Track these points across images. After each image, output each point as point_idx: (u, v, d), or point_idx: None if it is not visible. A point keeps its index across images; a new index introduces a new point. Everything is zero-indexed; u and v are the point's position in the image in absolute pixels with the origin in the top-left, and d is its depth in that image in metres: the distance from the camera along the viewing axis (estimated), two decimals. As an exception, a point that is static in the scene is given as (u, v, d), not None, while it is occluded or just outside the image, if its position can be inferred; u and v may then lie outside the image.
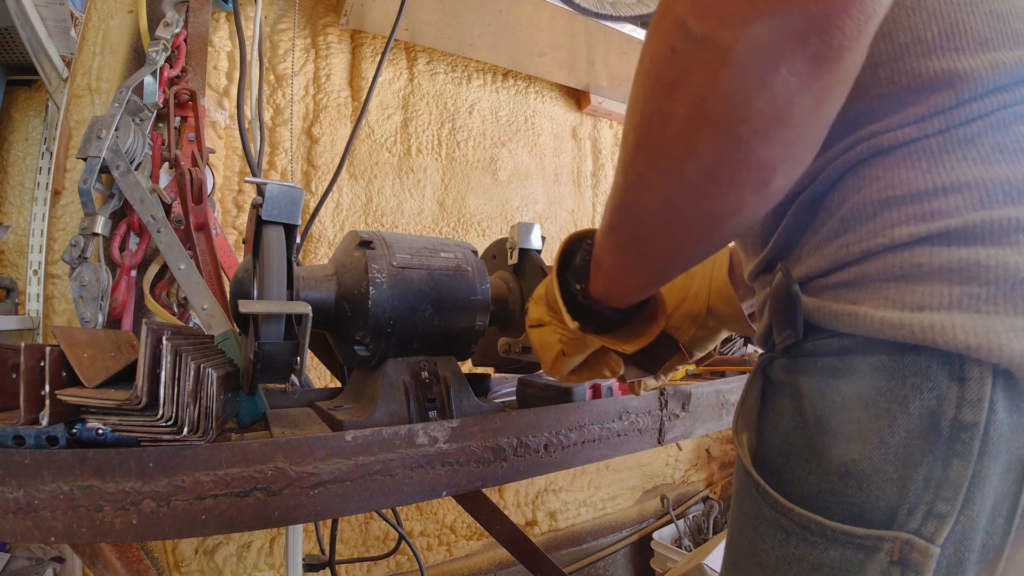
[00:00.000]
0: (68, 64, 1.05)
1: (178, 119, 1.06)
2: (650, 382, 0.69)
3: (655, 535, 1.83)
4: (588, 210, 1.97)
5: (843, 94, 0.31)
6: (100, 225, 0.91)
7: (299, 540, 0.98)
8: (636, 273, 0.44)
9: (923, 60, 0.36)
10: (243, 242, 0.86)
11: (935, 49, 0.36)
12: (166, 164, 1.04)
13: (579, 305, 0.50)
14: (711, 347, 0.68)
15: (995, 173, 0.33)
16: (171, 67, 1.06)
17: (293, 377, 0.61)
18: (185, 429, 0.49)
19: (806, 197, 0.41)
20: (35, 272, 1.03)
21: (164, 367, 0.48)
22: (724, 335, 0.67)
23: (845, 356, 0.37)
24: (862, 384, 0.35)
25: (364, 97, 1.35)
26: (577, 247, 0.52)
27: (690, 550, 1.75)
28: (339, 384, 0.93)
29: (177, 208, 1.01)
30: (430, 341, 0.72)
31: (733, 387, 0.95)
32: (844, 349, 0.37)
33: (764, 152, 0.30)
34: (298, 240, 1.01)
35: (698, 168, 0.32)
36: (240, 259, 1.00)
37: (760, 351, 0.48)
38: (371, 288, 0.66)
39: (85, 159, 0.88)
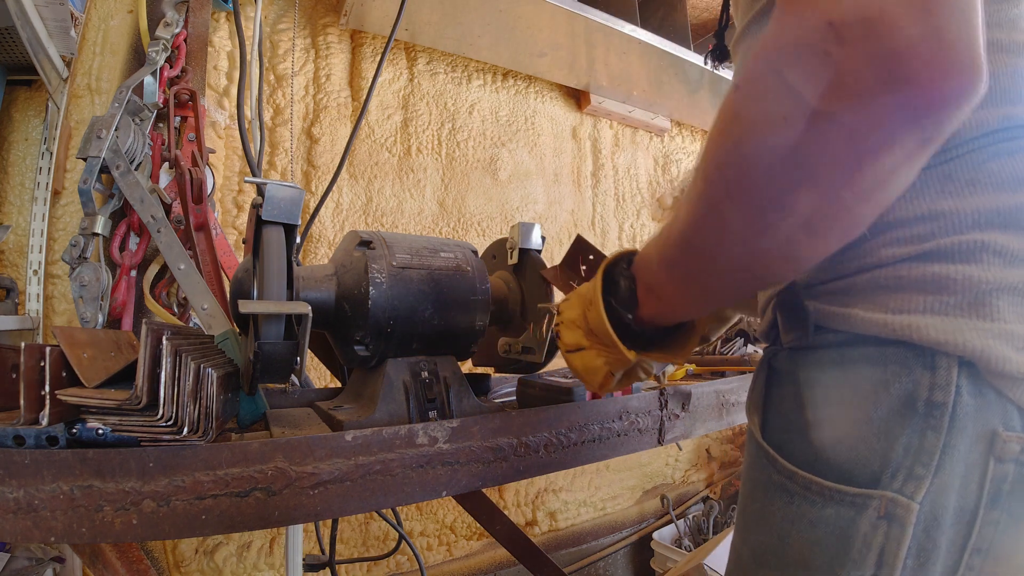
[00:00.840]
0: (68, 64, 1.05)
1: (178, 119, 1.06)
2: (669, 368, 0.72)
3: (655, 535, 1.83)
4: (588, 210, 1.97)
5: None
6: (100, 225, 0.91)
7: (299, 540, 0.98)
8: (697, 303, 0.49)
9: None
10: (243, 242, 0.86)
11: None
12: (166, 164, 1.04)
13: (626, 330, 0.52)
14: (724, 330, 0.75)
15: (967, 204, 0.40)
16: (171, 67, 1.06)
17: (293, 377, 0.61)
18: (185, 429, 0.49)
19: None
20: (35, 272, 1.03)
21: (164, 367, 0.48)
22: (736, 318, 0.74)
23: (839, 349, 0.44)
24: (852, 371, 0.43)
25: (364, 97, 1.35)
26: (616, 275, 0.54)
27: (690, 550, 1.75)
28: (339, 384, 0.93)
29: (177, 208, 1.01)
30: (430, 341, 0.72)
31: (733, 387, 0.95)
32: (837, 343, 0.45)
33: (860, 210, 0.35)
34: (298, 240, 1.01)
35: (794, 223, 0.36)
36: (240, 259, 1.00)
37: (763, 345, 0.55)
38: (371, 288, 0.66)
39: (85, 159, 0.88)
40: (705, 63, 0.85)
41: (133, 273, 0.98)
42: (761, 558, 0.48)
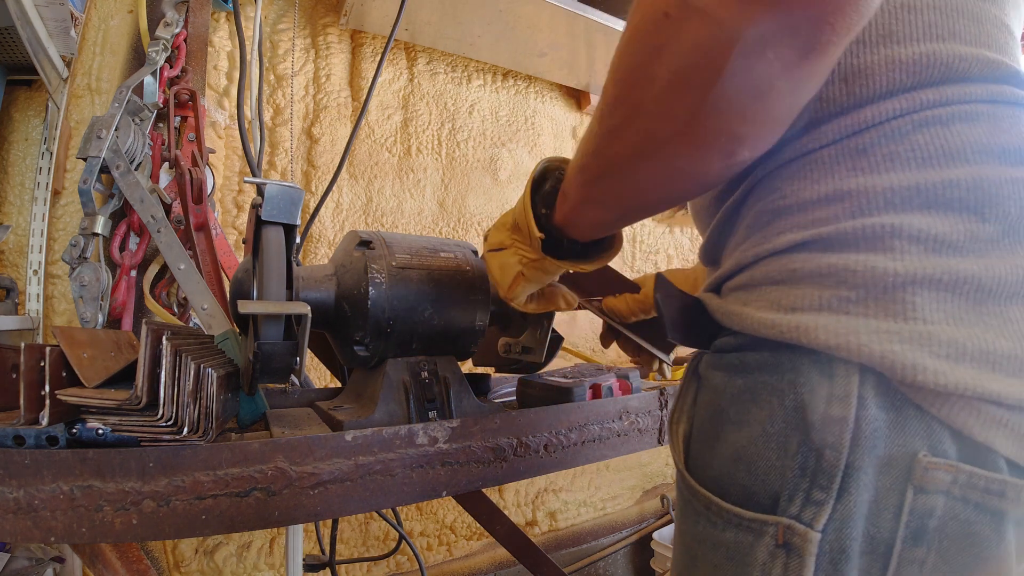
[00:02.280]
0: (68, 64, 1.05)
1: (178, 119, 1.06)
2: (665, 370, 0.71)
3: (655, 535, 1.83)
4: (588, 210, 1.97)
5: (816, 87, 0.32)
6: (100, 225, 0.91)
7: (299, 540, 0.98)
8: (597, 210, 0.47)
9: None
10: (243, 242, 0.86)
11: None
12: (166, 164, 1.04)
13: (543, 231, 0.52)
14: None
15: (880, 181, 0.34)
16: (171, 67, 1.06)
17: (293, 377, 0.61)
18: (185, 429, 0.49)
19: (729, 205, 0.44)
20: (35, 272, 1.03)
21: (164, 367, 0.48)
22: None
23: (739, 353, 0.39)
24: (750, 378, 0.38)
25: (364, 97, 1.35)
26: (548, 175, 0.54)
27: (690, 550, 1.75)
28: (339, 384, 0.93)
29: (177, 208, 1.01)
30: (430, 341, 0.72)
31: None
32: (739, 346, 0.40)
33: (736, 125, 0.32)
34: (298, 240, 1.01)
35: (672, 129, 0.34)
36: (240, 259, 1.00)
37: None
38: (371, 288, 0.66)
39: (85, 159, 0.88)
40: None
41: (133, 273, 0.98)
42: None
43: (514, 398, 0.87)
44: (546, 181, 0.54)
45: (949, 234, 0.32)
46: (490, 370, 0.96)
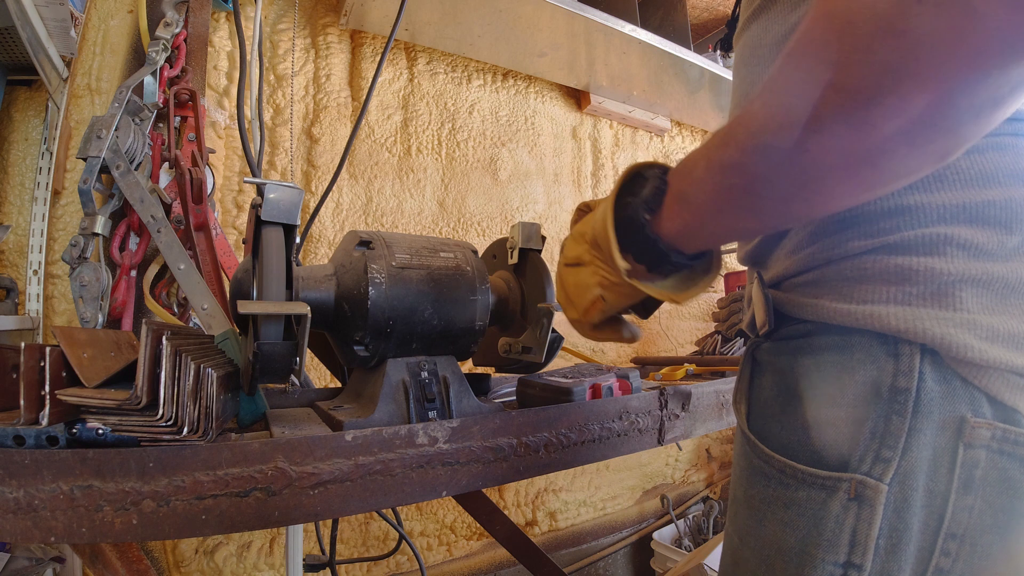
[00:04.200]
0: (68, 64, 1.05)
1: (178, 119, 1.06)
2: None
3: (655, 535, 1.83)
4: (588, 210, 1.97)
5: None
6: (100, 225, 0.91)
7: (299, 540, 0.98)
8: (736, 219, 0.42)
9: None
10: (243, 242, 0.86)
11: None
12: (166, 164, 1.04)
13: (636, 243, 0.47)
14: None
15: (933, 199, 0.41)
16: (171, 67, 1.06)
17: (293, 377, 0.61)
18: (185, 429, 0.49)
19: None
20: (35, 272, 1.03)
21: (164, 367, 0.48)
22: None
23: (809, 338, 0.46)
24: (821, 359, 0.44)
25: (364, 97, 1.35)
26: (643, 177, 0.48)
27: (690, 550, 1.75)
28: (339, 384, 0.93)
29: (177, 208, 1.01)
30: (430, 341, 0.72)
31: (733, 387, 0.95)
32: (808, 333, 0.46)
33: (967, 131, 0.31)
34: (298, 240, 1.01)
35: (899, 126, 0.30)
36: (240, 259, 1.00)
37: (747, 337, 0.56)
38: (371, 288, 0.66)
39: (85, 159, 0.88)
40: (715, 51, 0.85)
41: (133, 273, 0.98)
42: (743, 539, 0.49)
43: (514, 398, 0.87)
44: (643, 184, 0.47)
45: (986, 243, 0.40)
46: (490, 370, 0.96)
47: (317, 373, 1.29)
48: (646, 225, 0.46)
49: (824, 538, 0.42)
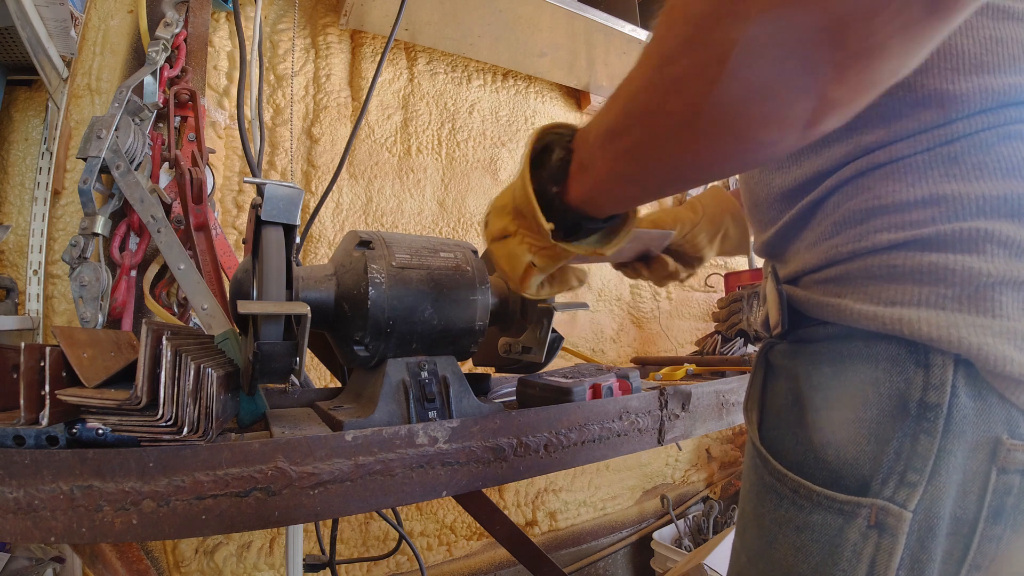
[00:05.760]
0: (68, 64, 1.05)
1: (178, 119, 1.06)
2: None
3: (655, 535, 1.83)
4: (588, 210, 1.96)
5: (923, 56, 0.27)
6: (100, 225, 0.91)
7: (299, 540, 0.98)
8: (633, 184, 0.40)
9: (920, 76, 0.38)
10: (243, 242, 0.86)
11: (932, 68, 0.38)
12: (166, 164, 1.04)
13: (552, 211, 0.45)
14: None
15: (972, 189, 0.37)
16: (171, 67, 1.06)
17: (293, 377, 0.61)
18: (185, 429, 0.49)
19: (806, 203, 0.44)
20: (35, 272, 1.03)
21: (164, 367, 0.48)
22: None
23: (829, 343, 0.42)
24: (843, 368, 0.40)
25: (364, 97, 1.35)
26: (551, 145, 0.46)
27: (690, 550, 1.75)
28: (339, 384, 0.93)
29: (177, 208, 1.01)
30: (430, 341, 0.72)
31: (733, 387, 0.95)
32: (828, 336, 0.42)
33: (832, 88, 0.27)
34: (298, 240, 1.01)
35: (752, 85, 0.28)
36: (240, 259, 1.00)
37: (759, 342, 0.51)
38: (370, 288, 0.66)
39: (85, 159, 0.88)
40: None
41: (133, 273, 0.98)
42: (752, 560, 0.46)
43: (514, 398, 0.87)
44: (550, 154, 0.46)
45: None
46: (490, 370, 0.96)
47: (317, 373, 1.29)
48: (555, 197, 0.45)
49: (839, 568, 0.38)
